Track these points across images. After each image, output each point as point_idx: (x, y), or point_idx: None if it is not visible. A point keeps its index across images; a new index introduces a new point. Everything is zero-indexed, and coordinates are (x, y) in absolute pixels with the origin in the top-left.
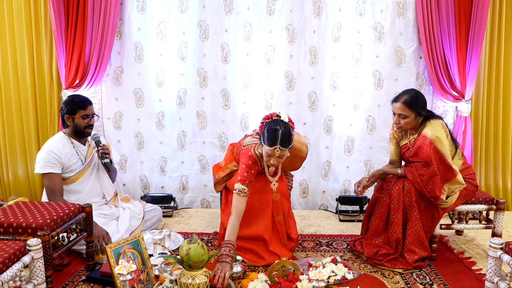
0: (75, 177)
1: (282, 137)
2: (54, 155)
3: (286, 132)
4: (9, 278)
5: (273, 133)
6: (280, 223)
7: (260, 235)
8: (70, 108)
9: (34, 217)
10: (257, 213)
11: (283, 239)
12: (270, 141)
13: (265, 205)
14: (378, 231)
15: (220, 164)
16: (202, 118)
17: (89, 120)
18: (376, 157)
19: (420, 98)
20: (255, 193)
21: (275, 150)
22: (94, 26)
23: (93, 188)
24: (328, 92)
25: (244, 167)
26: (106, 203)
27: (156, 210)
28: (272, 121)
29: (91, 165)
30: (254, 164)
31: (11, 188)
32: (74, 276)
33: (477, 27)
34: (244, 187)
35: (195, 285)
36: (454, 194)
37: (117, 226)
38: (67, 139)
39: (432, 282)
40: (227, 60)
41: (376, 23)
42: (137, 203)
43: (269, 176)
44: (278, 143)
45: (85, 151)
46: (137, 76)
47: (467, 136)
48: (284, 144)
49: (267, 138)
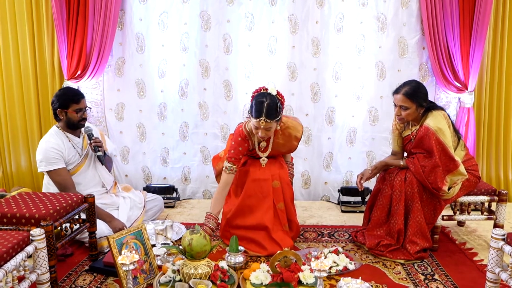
0: (74, 169)
1: (267, 109)
2: (56, 151)
3: (272, 104)
4: (13, 267)
5: (259, 105)
6: (281, 210)
7: (262, 223)
8: (63, 102)
9: (37, 208)
10: (258, 201)
11: (285, 226)
12: (256, 113)
13: (265, 193)
14: (380, 222)
15: (220, 154)
16: (204, 109)
17: (82, 114)
18: (378, 148)
19: (421, 89)
20: (255, 181)
21: (261, 122)
22: (96, 16)
23: (91, 178)
24: (330, 83)
25: (233, 144)
26: (106, 191)
27: (157, 200)
28: (259, 94)
29: (87, 156)
30: (244, 140)
31: (14, 179)
32: (77, 266)
33: (481, 17)
34: (231, 165)
35: (198, 275)
36: (456, 185)
37: (117, 216)
38: (62, 133)
39: (433, 272)
40: (229, 51)
41: (379, 13)
42: (138, 192)
43: (259, 151)
44: (263, 115)
45: (80, 143)
46: (139, 67)
47: (469, 128)
48: (269, 116)
49: (254, 110)
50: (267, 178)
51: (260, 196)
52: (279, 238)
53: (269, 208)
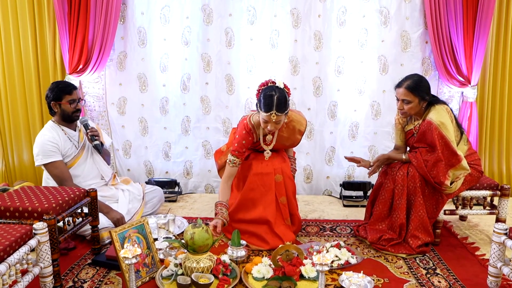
0: (71, 162)
1: (277, 102)
2: (52, 144)
3: (281, 98)
4: (16, 261)
5: (269, 99)
6: (284, 204)
7: (264, 217)
8: (56, 94)
9: (40, 202)
10: (261, 195)
11: (287, 220)
12: (266, 107)
13: (268, 187)
14: (382, 217)
15: (222, 148)
16: (206, 103)
17: (76, 105)
18: (381, 143)
19: (423, 83)
20: (258, 175)
21: (271, 115)
22: (97, 10)
23: (89, 171)
24: (332, 77)
25: (237, 138)
26: (105, 184)
27: (157, 191)
28: (267, 88)
29: (84, 148)
30: (248, 134)
31: (17, 173)
32: (80, 259)
33: (484, 11)
34: (235, 158)
35: (200, 268)
36: (459, 179)
37: (117, 209)
38: (57, 127)
39: (435, 267)
40: (231, 45)
41: (382, 7)
42: (137, 185)
43: (263, 144)
44: (274, 108)
45: (76, 136)
46: (140, 61)
47: (472, 122)
48: (280, 109)
49: (263, 104)
50: (270, 172)
51: (262, 190)
52: (281, 232)
53: (271, 202)
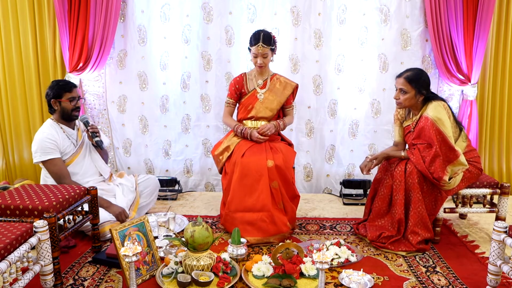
0: (69, 160)
1: (263, 36)
2: (50, 141)
3: (267, 33)
4: (17, 259)
5: (257, 34)
6: (276, 189)
7: (260, 202)
8: (56, 92)
9: (40, 200)
10: (255, 180)
11: (279, 204)
12: (254, 40)
13: (260, 172)
14: (381, 213)
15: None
16: (206, 102)
17: (76, 103)
18: (381, 141)
19: (423, 77)
20: (251, 162)
21: (258, 47)
22: (97, 8)
23: (88, 168)
24: (332, 76)
25: (230, 84)
26: (103, 180)
27: (150, 179)
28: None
29: (83, 146)
30: (240, 79)
31: (17, 171)
32: (80, 257)
33: (484, 9)
34: (229, 99)
35: (200, 266)
36: (457, 175)
37: (116, 203)
38: (56, 125)
39: (435, 265)
40: (231, 43)
41: (382, 5)
42: (130, 177)
43: (257, 87)
44: (260, 41)
45: (75, 134)
46: (140, 59)
47: (472, 120)
48: (265, 42)
49: (252, 39)
50: (262, 158)
51: (256, 176)
52: (276, 215)
53: (266, 187)
